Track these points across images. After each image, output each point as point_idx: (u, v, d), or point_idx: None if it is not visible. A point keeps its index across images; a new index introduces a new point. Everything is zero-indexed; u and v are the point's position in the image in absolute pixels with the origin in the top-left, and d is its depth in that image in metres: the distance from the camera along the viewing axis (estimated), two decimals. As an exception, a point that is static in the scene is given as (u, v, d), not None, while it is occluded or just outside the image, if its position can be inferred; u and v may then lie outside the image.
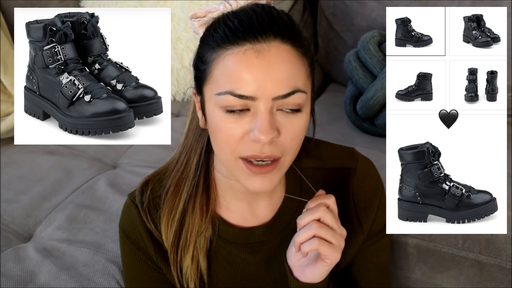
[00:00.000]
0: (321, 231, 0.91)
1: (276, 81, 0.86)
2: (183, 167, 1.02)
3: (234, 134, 0.88)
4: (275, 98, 0.86)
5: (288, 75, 0.87)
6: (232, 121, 0.87)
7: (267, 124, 0.86)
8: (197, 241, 1.02)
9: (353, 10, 1.96)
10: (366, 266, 1.10)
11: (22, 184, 1.52)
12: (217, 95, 0.88)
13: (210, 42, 0.90)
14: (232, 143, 0.88)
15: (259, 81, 0.85)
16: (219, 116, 0.88)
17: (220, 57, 0.88)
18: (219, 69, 0.88)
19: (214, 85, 0.89)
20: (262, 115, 0.86)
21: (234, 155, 0.89)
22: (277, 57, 0.86)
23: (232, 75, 0.86)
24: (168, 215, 1.01)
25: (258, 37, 0.86)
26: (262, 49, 0.86)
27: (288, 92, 0.87)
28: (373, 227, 1.07)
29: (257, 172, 0.89)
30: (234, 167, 0.91)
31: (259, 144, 0.87)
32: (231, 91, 0.86)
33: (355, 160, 1.06)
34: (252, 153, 0.88)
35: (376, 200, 1.06)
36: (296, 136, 0.90)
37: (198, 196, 1.01)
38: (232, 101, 0.86)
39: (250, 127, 0.87)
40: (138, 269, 1.05)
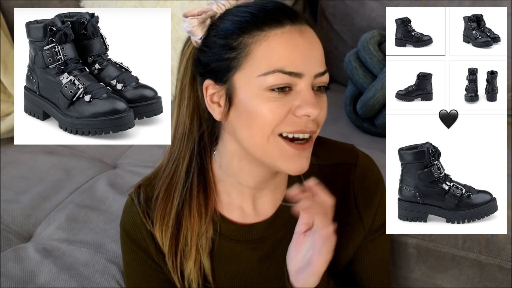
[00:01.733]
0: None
1: (317, 59, 0.92)
2: (172, 174, 1.01)
3: (279, 112, 0.90)
4: (316, 75, 0.92)
5: (322, 55, 0.94)
6: (277, 99, 0.90)
7: (314, 99, 0.91)
8: (198, 244, 1.02)
9: (353, 10, 1.96)
10: (367, 262, 1.10)
11: (22, 184, 1.51)
12: (263, 76, 0.89)
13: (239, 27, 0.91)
14: (276, 121, 0.90)
15: (305, 58, 0.90)
16: (263, 96, 0.90)
17: (261, 39, 0.90)
18: (261, 50, 0.90)
19: (256, 67, 0.90)
20: (308, 91, 0.91)
21: (274, 133, 0.91)
22: (313, 38, 0.93)
23: (279, 53, 0.89)
24: (161, 221, 1.01)
25: (294, 19, 0.91)
26: (302, 30, 0.91)
27: (324, 70, 0.93)
28: (374, 222, 1.07)
29: (300, 149, 0.91)
30: (271, 149, 0.91)
31: (305, 119, 0.90)
32: (280, 69, 0.89)
33: (355, 156, 1.06)
34: (297, 128, 0.90)
35: (377, 196, 1.06)
36: (325, 115, 0.96)
37: (193, 199, 1.01)
38: (281, 79, 0.89)
39: (296, 104, 0.90)
40: (139, 268, 1.05)
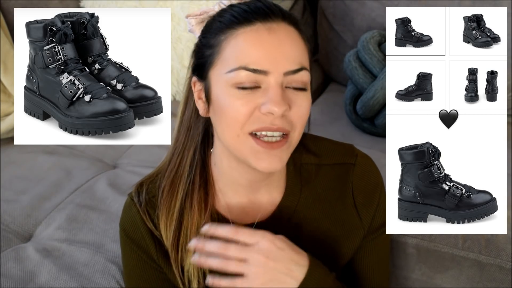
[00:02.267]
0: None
1: (287, 56, 0.90)
2: (177, 166, 1.02)
3: (244, 110, 0.90)
4: (286, 73, 0.90)
5: (297, 53, 0.91)
6: (243, 96, 0.90)
7: (280, 97, 0.89)
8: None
9: (353, 10, 1.96)
10: (366, 262, 1.10)
11: (22, 184, 1.51)
12: (229, 72, 0.90)
13: (217, 26, 0.93)
14: (242, 119, 0.90)
15: (271, 56, 0.89)
16: (230, 93, 0.90)
17: (230, 37, 0.91)
18: (229, 48, 0.91)
19: (225, 64, 0.91)
20: (274, 89, 0.89)
21: (243, 131, 0.91)
22: (286, 36, 0.91)
23: (244, 51, 0.90)
24: (166, 214, 1.01)
25: (267, 17, 0.91)
26: (272, 27, 0.91)
27: (297, 68, 0.91)
28: (373, 222, 1.07)
29: (268, 147, 0.91)
30: (242, 146, 0.92)
31: (270, 117, 0.89)
32: (244, 66, 0.89)
33: (354, 156, 1.06)
34: (262, 125, 0.90)
35: (376, 195, 1.06)
36: (303, 114, 0.93)
37: (195, 192, 1.01)
38: (245, 76, 0.89)
39: (262, 101, 0.89)
40: (139, 268, 1.05)
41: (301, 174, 1.05)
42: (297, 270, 0.95)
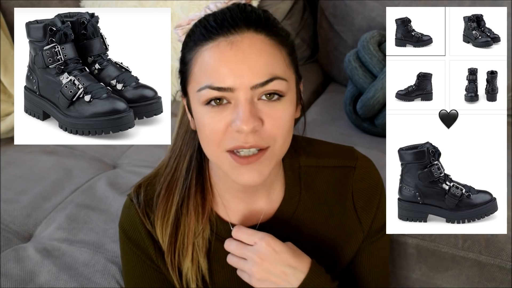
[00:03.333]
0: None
1: (252, 70, 0.87)
2: (173, 171, 1.02)
3: (217, 128, 0.89)
4: (253, 87, 0.87)
5: (264, 63, 0.88)
6: (214, 115, 0.89)
7: (248, 113, 0.86)
8: (195, 243, 1.02)
9: (353, 10, 1.96)
10: (366, 264, 1.10)
11: (22, 184, 1.51)
12: (198, 92, 0.89)
13: (189, 43, 0.92)
14: (216, 137, 0.89)
15: (235, 72, 0.87)
16: (202, 112, 0.90)
17: (197, 55, 0.90)
18: (197, 66, 0.90)
19: (195, 83, 0.91)
20: (242, 105, 0.87)
21: (220, 149, 0.90)
22: (251, 47, 0.88)
23: (209, 69, 0.88)
24: (162, 218, 1.01)
25: (231, 29, 0.88)
26: (235, 40, 0.88)
27: (265, 79, 0.87)
28: (372, 225, 1.07)
29: (244, 163, 0.89)
30: (222, 162, 0.92)
31: (242, 134, 0.87)
32: (209, 85, 0.88)
33: (354, 159, 1.06)
34: (236, 144, 0.88)
35: (376, 199, 1.06)
36: (282, 124, 0.90)
37: (191, 198, 1.01)
38: (212, 94, 0.88)
39: (232, 119, 0.88)
40: (138, 268, 1.05)
41: (301, 177, 1.05)
42: (293, 275, 0.96)
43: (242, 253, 0.97)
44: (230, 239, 0.99)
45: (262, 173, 0.91)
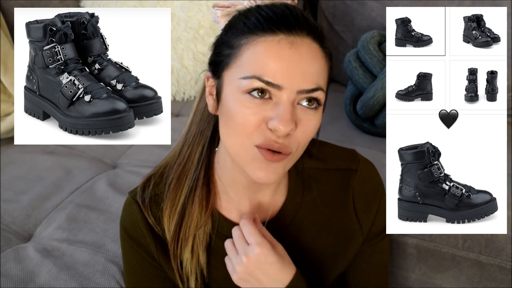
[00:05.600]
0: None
1: (304, 74, 0.88)
2: (185, 160, 1.02)
3: (252, 120, 0.88)
4: (300, 91, 0.88)
5: (315, 71, 0.89)
6: (253, 106, 0.88)
7: (289, 115, 0.87)
8: (196, 235, 1.02)
9: (353, 10, 1.96)
10: (365, 267, 1.10)
11: (22, 184, 1.51)
12: (242, 79, 0.88)
13: (241, 28, 0.90)
14: (247, 128, 0.89)
15: (288, 71, 0.87)
16: (240, 99, 0.88)
17: (251, 43, 0.89)
18: (248, 54, 0.89)
19: (240, 69, 0.89)
20: (284, 105, 0.87)
21: (249, 142, 0.89)
22: (308, 52, 0.89)
23: (262, 61, 0.87)
24: (170, 207, 1.01)
25: (292, 30, 0.88)
26: (295, 42, 0.88)
27: (312, 87, 0.89)
28: (372, 228, 1.07)
29: (269, 159, 0.89)
30: (245, 153, 0.91)
31: (276, 133, 0.87)
32: (258, 76, 0.87)
33: (356, 162, 1.06)
34: (266, 141, 0.88)
35: (376, 202, 1.06)
36: (310, 133, 0.91)
37: (198, 189, 1.01)
38: (258, 86, 0.87)
39: (270, 115, 0.88)
40: (139, 266, 1.05)
41: (303, 179, 1.05)
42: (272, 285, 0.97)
43: (237, 246, 0.97)
44: (238, 227, 0.99)
45: (278, 174, 0.91)
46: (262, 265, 0.95)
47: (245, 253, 0.95)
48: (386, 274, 1.14)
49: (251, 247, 0.95)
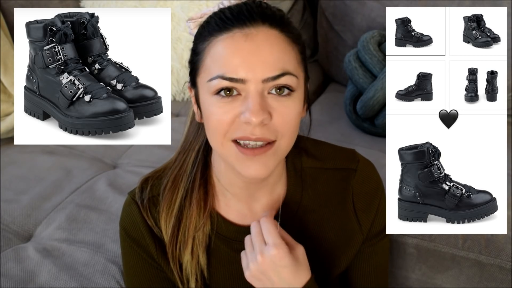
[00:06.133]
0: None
1: (265, 63, 0.88)
2: (181, 164, 1.03)
3: (225, 118, 0.89)
4: (264, 80, 0.88)
5: (277, 58, 0.89)
6: (223, 105, 0.89)
7: (258, 106, 0.87)
8: (196, 237, 1.02)
9: (353, 10, 1.96)
10: (365, 267, 1.10)
11: (22, 184, 1.51)
12: (209, 81, 0.90)
13: (203, 33, 0.93)
14: (223, 127, 0.90)
15: (248, 63, 0.87)
16: (212, 101, 0.90)
17: (210, 45, 0.90)
18: (210, 56, 0.90)
19: (206, 73, 0.91)
20: (252, 97, 0.88)
21: (226, 138, 0.90)
22: (265, 41, 0.89)
23: (222, 59, 0.89)
24: (167, 210, 1.02)
25: (246, 22, 0.89)
26: (250, 33, 0.89)
27: (277, 74, 0.88)
28: (372, 228, 1.07)
29: (250, 154, 0.90)
30: (228, 153, 0.92)
31: (250, 126, 0.88)
32: (221, 74, 0.88)
33: (356, 162, 1.06)
34: (242, 134, 0.89)
35: (376, 202, 1.06)
36: (290, 120, 0.90)
37: (194, 191, 1.02)
38: (223, 85, 0.88)
39: (241, 110, 0.88)
40: (139, 267, 1.05)
41: (302, 178, 1.05)
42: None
43: (254, 242, 0.97)
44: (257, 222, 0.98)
45: (267, 167, 0.91)
46: (276, 267, 0.94)
47: (261, 252, 0.95)
48: (386, 274, 1.14)
49: (268, 247, 0.94)
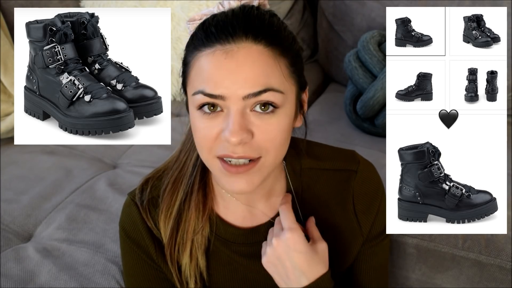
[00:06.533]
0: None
1: (246, 80, 0.86)
2: (181, 166, 1.03)
3: (208, 134, 0.89)
4: (245, 96, 0.86)
5: (258, 74, 0.86)
6: (206, 121, 0.89)
7: (237, 125, 0.86)
8: (194, 239, 1.02)
9: (353, 10, 1.96)
10: (365, 268, 1.10)
11: (22, 184, 1.52)
12: (193, 95, 0.90)
13: (190, 46, 0.92)
14: (207, 143, 0.89)
15: (227, 81, 0.86)
16: (196, 116, 0.90)
17: (195, 59, 0.90)
18: (194, 70, 0.90)
19: (191, 86, 0.91)
20: (232, 116, 0.87)
21: (211, 155, 0.90)
22: (246, 57, 0.87)
23: (204, 75, 0.88)
24: (166, 212, 1.02)
25: (229, 38, 0.87)
26: (230, 50, 0.87)
27: (258, 90, 0.86)
28: (372, 229, 1.07)
29: (234, 172, 0.89)
30: (213, 168, 0.92)
31: (231, 144, 0.87)
32: (202, 90, 0.88)
33: (356, 163, 1.06)
34: (225, 153, 0.89)
35: (376, 203, 1.06)
36: (273, 137, 0.89)
37: (193, 194, 1.02)
38: (204, 100, 0.88)
39: (223, 127, 0.88)
40: (139, 267, 1.05)
41: (302, 179, 1.05)
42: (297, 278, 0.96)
43: (274, 229, 0.98)
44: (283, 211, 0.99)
45: (252, 183, 0.90)
46: (289, 251, 0.95)
47: (276, 236, 0.96)
48: (387, 274, 1.14)
49: (284, 231, 0.96)
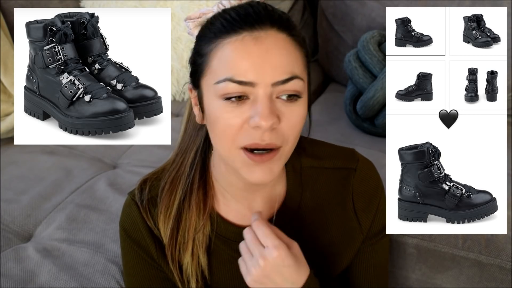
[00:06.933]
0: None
1: (275, 66, 0.87)
2: (179, 166, 1.03)
3: (233, 123, 0.88)
4: (274, 83, 0.87)
5: (286, 61, 0.88)
6: (231, 109, 0.88)
7: (268, 110, 0.86)
8: (196, 238, 1.02)
9: (353, 10, 1.96)
10: (365, 267, 1.10)
11: (22, 184, 1.51)
12: (216, 84, 0.88)
13: (208, 34, 0.91)
14: (231, 132, 0.89)
15: (257, 67, 0.87)
16: (218, 105, 0.89)
17: (218, 47, 0.89)
18: (217, 58, 0.89)
19: (213, 75, 0.90)
20: (262, 101, 0.87)
21: (235, 145, 0.89)
22: (274, 44, 0.88)
23: (231, 62, 0.88)
24: (165, 212, 1.02)
25: (255, 25, 0.88)
26: (259, 36, 0.88)
27: (286, 77, 0.88)
28: (372, 227, 1.07)
29: (258, 161, 0.89)
30: (234, 158, 0.91)
31: (259, 131, 0.87)
32: (230, 77, 0.87)
33: (355, 161, 1.06)
34: (252, 141, 0.88)
35: (375, 201, 1.06)
36: (296, 124, 0.90)
37: (193, 193, 1.01)
38: (232, 88, 0.87)
39: (250, 115, 0.87)
40: (139, 267, 1.05)
41: (302, 178, 1.05)
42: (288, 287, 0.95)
43: (252, 249, 0.95)
44: (250, 229, 0.96)
45: (273, 172, 0.91)
46: (279, 268, 0.93)
47: (262, 256, 0.93)
48: (386, 273, 1.14)
49: (269, 250, 0.93)
